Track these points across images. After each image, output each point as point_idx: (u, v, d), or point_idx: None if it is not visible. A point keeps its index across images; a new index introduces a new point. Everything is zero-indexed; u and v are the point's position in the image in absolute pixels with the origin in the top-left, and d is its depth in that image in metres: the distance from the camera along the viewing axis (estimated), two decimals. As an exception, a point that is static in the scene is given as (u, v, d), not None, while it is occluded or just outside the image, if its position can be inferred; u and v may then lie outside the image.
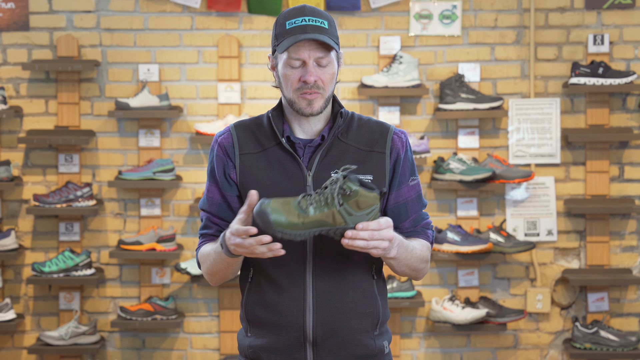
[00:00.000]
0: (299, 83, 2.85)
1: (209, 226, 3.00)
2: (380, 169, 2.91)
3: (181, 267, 5.77)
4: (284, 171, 2.89)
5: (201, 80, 5.98)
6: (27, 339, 5.99)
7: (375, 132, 2.94)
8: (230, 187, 2.95)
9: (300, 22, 2.83)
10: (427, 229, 3.02)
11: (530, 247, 5.84)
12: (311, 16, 2.84)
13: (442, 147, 5.97)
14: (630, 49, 5.96)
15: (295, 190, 2.85)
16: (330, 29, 2.86)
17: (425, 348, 6.02)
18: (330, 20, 2.88)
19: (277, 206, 2.68)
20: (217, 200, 2.97)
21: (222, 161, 2.95)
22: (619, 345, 5.78)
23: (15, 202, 5.99)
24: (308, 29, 2.83)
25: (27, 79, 5.97)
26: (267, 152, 2.92)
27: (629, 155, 5.97)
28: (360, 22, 5.95)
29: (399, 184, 2.94)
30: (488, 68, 5.97)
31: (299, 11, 2.86)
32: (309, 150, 2.90)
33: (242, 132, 2.96)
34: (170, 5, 5.96)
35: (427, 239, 3.01)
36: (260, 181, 2.89)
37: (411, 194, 2.97)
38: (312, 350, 2.87)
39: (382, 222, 2.70)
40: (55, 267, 5.80)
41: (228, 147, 2.94)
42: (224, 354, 5.96)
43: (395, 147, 2.94)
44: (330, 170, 2.87)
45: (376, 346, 2.93)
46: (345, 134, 2.92)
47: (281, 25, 2.86)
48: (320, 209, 2.68)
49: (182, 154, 5.99)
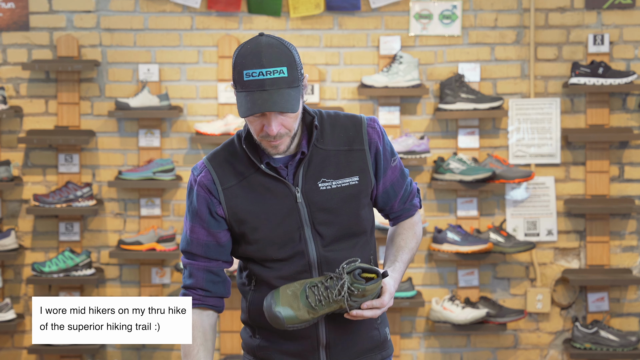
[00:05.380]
0: (262, 132, 2.78)
1: (195, 275, 2.93)
2: (364, 167, 2.90)
3: (181, 267, 5.77)
4: (271, 194, 2.85)
5: (201, 80, 5.98)
6: (27, 339, 5.99)
7: (349, 129, 2.91)
8: (218, 224, 2.89)
9: (257, 75, 2.71)
10: (414, 199, 3.05)
11: (530, 247, 5.84)
12: (269, 66, 2.70)
13: (442, 147, 5.97)
14: (630, 49, 5.96)
15: (287, 209, 2.84)
16: (290, 74, 2.73)
17: (425, 348, 6.02)
18: (290, 58, 2.74)
19: (286, 304, 2.74)
20: (203, 240, 2.91)
21: (206, 200, 2.88)
22: (619, 345, 5.78)
23: (15, 202, 5.99)
24: (266, 84, 2.70)
25: (27, 79, 5.97)
26: (249, 179, 2.86)
27: (629, 155, 5.97)
28: (360, 22, 5.95)
29: (384, 172, 2.94)
30: (488, 68, 5.97)
31: (255, 58, 2.71)
32: (291, 167, 2.86)
33: (219, 165, 2.88)
34: (170, 5, 5.96)
35: (415, 208, 3.06)
36: (249, 210, 2.85)
37: (395, 175, 2.98)
38: (326, 353, 2.91)
39: (385, 300, 2.80)
40: (55, 267, 5.80)
41: (209, 185, 2.87)
42: (224, 354, 5.96)
43: (373, 140, 2.92)
44: (317, 180, 2.85)
45: (380, 335, 2.99)
46: (321, 140, 2.88)
47: (239, 71, 2.73)
48: (329, 305, 2.76)
49: (182, 154, 5.99)
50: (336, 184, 2.87)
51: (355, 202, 2.88)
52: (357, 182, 2.88)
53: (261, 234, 2.86)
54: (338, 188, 2.87)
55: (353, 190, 2.88)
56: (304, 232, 2.85)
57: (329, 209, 2.86)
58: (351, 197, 2.88)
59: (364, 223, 2.92)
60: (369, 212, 2.95)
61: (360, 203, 2.90)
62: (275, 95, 2.71)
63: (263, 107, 2.70)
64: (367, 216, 2.94)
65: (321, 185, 2.86)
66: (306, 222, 2.85)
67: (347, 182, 2.88)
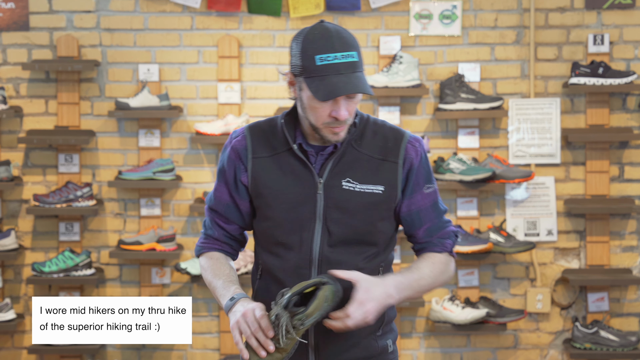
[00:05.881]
0: (329, 118, 2.78)
1: (214, 228, 3.00)
2: (392, 179, 2.87)
3: (181, 267, 5.77)
4: (295, 177, 2.86)
5: (201, 80, 5.98)
6: (27, 339, 5.99)
7: (389, 140, 2.89)
8: (239, 191, 2.93)
9: (332, 59, 2.72)
10: (446, 239, 2.95)
11: (530, 247, 5.84)
12: (341, 50, 2.73)
13: (442, 147, 5.97)
14: (630, 49, 5.96)
15: (305, 196, 2.84)
16: (359, 59, 2.75)
17: (425, 348, 6.02)
18: (356, 43, 2.77)
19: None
20: (225, 201, 2.96)
21: (234, 164, 2.92)
22: (619, 345, 5.78)
23: (15, 202, 5.99)
24: (341, 68, 2.72)
25: (27, 79, 5.97)
26: (279, 156, 2.88)
27: (629, 155, 5.97)
28: (360, 22, 5.95)
29: (412, 192, 2.89)
30: (488, 68, 5.97)
31: (328, 42, 2.73)
32: (321, 157, 2.86)
33: (256, 135, 2.91)
34: (170, 5, 5.96)
35: (444, 249, 2.94)
36: (270, 186, 2.87)
37: (425, 202, 2.92)
38: (315, 354, 2.89)
39: (350, 310, 2.72)
40: (55, 267, 5.80)
41: (241, 151, 2.91)
42: (224, 354, 5.96)
43: (409, 156, 2.88)
44: (341, 178, 2.84)
45: (379, 346, 2.93)
46: (359, 141, 2.87)
47: (309, 57, 2.74)
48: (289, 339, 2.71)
49: (182, 154, 5.99)
50: (360, 187, 2.85)
51: (374, 211, 2.86)
52: (381, 192, 2.85)
53: (274, 213, 2.87)
54: (360, 192, 2.84)
55: (375, 198, 2.85)
56: (314, 224, 2.85)
57: (345, 209, 2.84)
58: (371, 205, 2.85)
59: (379, 235, 2.89)
60: (388, 226, 2.91)
61: (379, 214, 2.87)
62: (352, 78, 2.72)
63: (345, 90, 2.71)
64: (385, 229, 2.90)
65: (345, 184, 2.84)
66: (319, 215, 2.84)
67: (371, 189, 2.85)
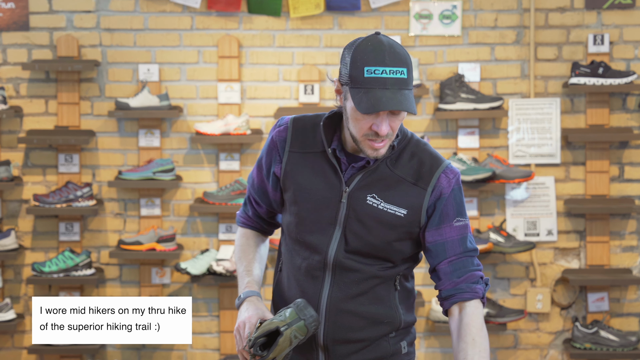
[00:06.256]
0: (369, 130, 2.75)
1: (248, 205, 3.09)
2: (416, 205, 2.84)
3: (181, 267, 5.77)
4: (323, 179, 2.86)
5: (201, 80, 5.98)
6: (27, 339, 5.99)
7: (424, 166, 2.85)
8: (270, 180, 2.96)
9: (380, 73, 2.69)
10: (475, 283, 2.87)
11: (530, 247, 5.84)
12: (392, 65, 2.69)
13: (442, 147, 5.97)
14: (630, 49, 5.96)
15: (329, 202, 2.85)
16: (409, 76, 2.71)
17: (425, 348, 6.02)
18: (408, 60, 2.73)
19: None
20: (257, 184, 3.01)
21: (271, 153, 2.95)
22: (619, 345, 5.78)
23: (15, 202, 5.99)
24: (388, 83, 2.68)
25: (27, 79, 5.97)
26: (313, 155, 2.89)
27: (629, 155, 5.97)
28: (360, 22, 5.95)
29: (439, 223, 2.85)
30: (488, 68, 5.97)
31: (379, 56, 2.70)
32: (352, 169, 2.85)
33: (298, 129, 2.92)
34: (170, 5, 5.96)
35: (475, 295, 2.86)
36: (298, 182, 2.89)
37: (452, 235, 2.86)
38: (324, 354, 2.90)
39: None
40: (55, 267, 5.80)
41: (280, 141, 2.93)
42: (224, 354, 5.96)
43: (440, 185, 2.84)
44: (367, 192, 2.83)
45: (391, 347, 2.93)
46: (395, 161, 2.85)
47: (358, 68, 2.71)
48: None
49: (182, 154, 5.99)
50: (383, 206, 2.83)
51: (392, 231, 2.84)
52: (403, 215, 2.83)
53: (298, 209, 2.89)
54: (382, 211, 2.83)
55: (395, 220, 2.83)
56: (333, 229, 2.85)
57: (365, 223, 2.83)
58: (390, 225, 2.83)
59: (395, 254, 2.87)
60: (406, 247, 2.88)
61: (396, 235, 2.85)
62: (398, 95, 2.70)
63: (388, 106, 2.68)
64: (402, 249, 2.88)
65: (369, 198, 2.83)
66: (340, 222, 2.85)
67: (394, 210, 2.83)
